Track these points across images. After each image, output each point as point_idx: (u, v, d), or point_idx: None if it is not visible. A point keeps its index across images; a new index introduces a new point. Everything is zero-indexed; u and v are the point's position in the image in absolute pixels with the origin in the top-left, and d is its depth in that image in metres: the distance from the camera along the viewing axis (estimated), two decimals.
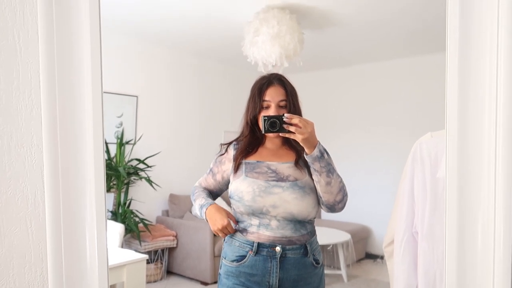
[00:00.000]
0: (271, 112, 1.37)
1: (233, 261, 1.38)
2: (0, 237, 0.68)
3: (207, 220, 1.37)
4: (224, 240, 1.47)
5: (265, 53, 3.07)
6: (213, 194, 1.54)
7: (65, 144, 0.71)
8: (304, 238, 1.37)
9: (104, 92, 3.53)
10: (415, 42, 4.16)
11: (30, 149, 0.70)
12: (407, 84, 4.77)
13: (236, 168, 1.42)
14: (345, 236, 4.17)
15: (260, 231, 1.35)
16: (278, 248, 1.32)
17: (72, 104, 0.70)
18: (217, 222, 1.33)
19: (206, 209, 1.37)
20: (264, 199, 1.33)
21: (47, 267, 0.70)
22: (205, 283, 3.90)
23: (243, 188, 1.36)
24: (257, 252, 1.34)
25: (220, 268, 1.46)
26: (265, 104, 1.39)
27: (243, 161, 1.43)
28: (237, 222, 1.39)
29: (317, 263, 1.40)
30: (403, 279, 1.38)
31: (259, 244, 1.34)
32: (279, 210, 1.33)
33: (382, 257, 4.90)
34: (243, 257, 1.36)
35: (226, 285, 1.39)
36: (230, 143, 1.52)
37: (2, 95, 0.68)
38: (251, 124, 1.44)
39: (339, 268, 4.27)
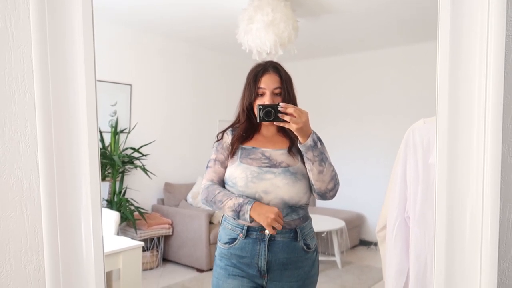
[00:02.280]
0: (266, 99, 1.39)
1: (225, 243, 1.43)
2: None
3: (251, 220, 1.31)
4: (220, 224, 1.50)
5: (260, 41, 3.06)
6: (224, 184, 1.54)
7: (59, 129, 0.72)
8: (294, 222, 1.39)
9: (98, 81, 3.50)
10: (408, 30, 4.15)
11: (24, 135, 0.71)
12: (401, 72, 4.78)
13: (233, 153, 1.45)
14: (339, 223, 4.22)
15: None
16: (267, 232, 1.35)
17: (66, 89, 0.70)
18: (269, 213, 1.28)
19: (251, 206, 1.31)
20: (256, 185, 1.35)
21: (43, 251, 0.71)
22: (201, 270, 3.93)
23: (237, 174, 1.38)
24: (246, 235, 1.37)
25: (216, 251, 1.50)
26: (260, 91, 1.41)
27: (240, 146, 1.46)
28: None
29: (309, 248, 1.42)
30: (395, 263, 1.40)
31: (248, 228, 1.37)
32: (271, 196, 1.35)
33: (375, 244, 4.96)
34: (234, 239, 1.40)
35: (219, 266, 1.44)
36: (224, 130, 1.54)
37: None
38: (247, 111, 1.46)
39: (333, 255, 4.32)
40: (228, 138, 1.50)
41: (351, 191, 4.95)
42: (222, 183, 1.47)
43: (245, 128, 1.48)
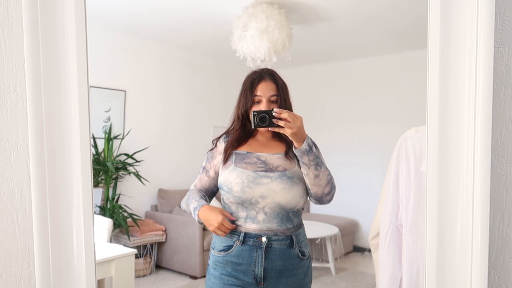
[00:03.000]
0: (263, 106, 1.40)
1: (220, 250, 1.41)
2: None
3: (201, 223, 1.40)
4: None
5: (254, 48, 3.07)
6: (210, 193, 1.54)
7: (51, 138, 0.71)
8: (289, 230, 1.39)
9: (92, 87, 3.50)
10: (402, 38, 4.19)
11: (16, 143, 0.71)
12: (395, 79, 4.81)
13: (226, 159, 1.44)
14: (333, 230, 4.21)
15: (247, 224, 1.38)
16: (264, 238, 1.35)
17: (58, 98, 0.70)
18: (212, 221, 1.34)
19: (199, 211, 1.39)
20: (252, 189, 1.35)
21: (34, 261, 0.71)
22: (194, 277, 3.91)
23: (232, 179, 1.38)
24: (243, 242, 1.37)
25: (209, 259, 1.48)
26: (256, 99, 1.42)
27: (233, 151, 1.45)
28: (232, 216, 1.40)
29: (303, 255, 1.42)
30: (388, 271, 1.41)
31: (245, 234, 1.37)
32: (267, 201, 1.35)
33: (369, 250, 4.95)
34: (230, 246, 1.39)
35: (213, 275, 1.42)
36: (220, 137, 1.54)
37: None
38: (242, 118, 1.46)
39: (327, 261, 4.31)
40: (220, 145, 1.50)
41: (345, 197, 4.96)
42: (205, 191, 1.52)
43: (239, 135, 1.48)
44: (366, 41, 4.34)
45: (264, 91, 1.41)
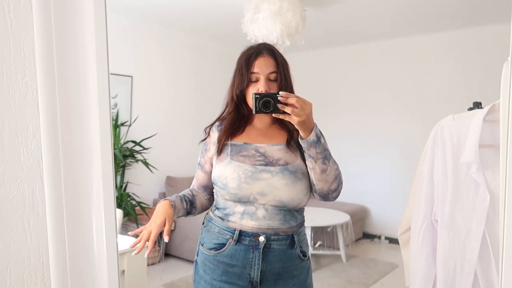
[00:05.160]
0: (260, 85, 1.23)
1: (211, 249, 1.26)
2: None
3: None
4: (203, 224, 1.34)
5: (266, 31, 2.94)
6: (210, 190, 1.36)
7: (66, 133, 0.62)
8: (292, 229, 1.25)
9: None
10: (419, 20, 4.03)
11: (26, 140, 0.61)
12: (411, 64, 4.66)
13: (220, 150, 1.28)
14: (345, 217, 4.16)
15: (243, 221, 1.23)
16: (262, 238, 1.21)
17: (74, 86, 0.60)
18: (151, 224, 1.16)
19: (159, 203, 1.23)
20: (250, 186, 1.20)
21: (49, 273, 0.62)
22: None
23: (228, 174, 1.22)
24: (238, 241, 1.22)
25: (197, 255, 1.33)
26: (253, 76, 1.25)
27: (228, 142, 1.29)
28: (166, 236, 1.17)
29: (304, 255, 1.30)
30: (422, 268, 1.32)
31: (240, 232, 1.22)
32: (268, 198, 1.21)
33: (379, 237, 4.92)
34: (222, 245, 1.24)
35: (204, 279, 1.27)
36: (212, 125, 1.37)
37: None
38: (237, 99, 1.30)
39: (338, 249, 4.27)
40: (214, 135, 1.33)
41: (356, 184, 4.90)
42: (203, 189, 1.35)
43: (233, 120, 1.31)
44: (381, 24, 4.19)
45: (262, 67, 1.24)
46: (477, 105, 1.53)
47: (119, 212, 2.36)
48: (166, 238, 1.12)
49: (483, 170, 1.20)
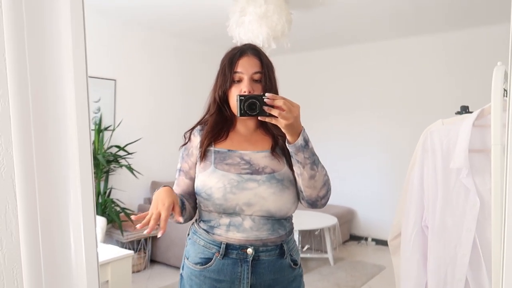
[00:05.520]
0: (244, 86, 1.17)
1: (197, 263, 1.20)
2: None
3: None
4: (188, 235, 1.28)
5: (252, 34, 2.92)
6: (194, 197, 1.26)
7: (41, 145, 0.57)
8: (281, 238, 1.20)
9: None
10: (403, 23, 4.06)
11: None
12: (395, 66, 4.70)
13: (203, 157, 1.21)
14: (332, 220, 4.15)
15: (229, 233, 1.17)
16: (250, 250, 1.15)
17: (50, 94, 0.55)
18: (157, 205, 1.07)
19: (157, 190, 1.14)
20: (237, 196, 1.14)
21: None
22: None
23: (212, 184, 1.16)
24: (225, 255, 1.16)
25: (182, 269, 1.27)
26: (236, 76, 1.19)
27: (212, 148, 1.22)
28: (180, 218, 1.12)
29: (295, 264, 1.24)
30: (413, 276, 1.30)
31: (227, 246, 1.16)
32: (254, 208, 1.15)
33: (366, 239, 4.94)
34: (208, 259, 1.18)
35: None
36: (193, 128, 1.30)
37: None
38: (220, 101, 1.24)
39: (325, 252, 4.26)
40: (195, 139, 1.27)
41: (343, 186, 4.90)
42: (188, 196, 1.25)
43: (215, 122, 1.25)
44: (366, 26, 4.21)
45: (246, 67, 1.19)
46: (465, 108, 1.53)
47: (102, 220, 2.29)
48: (181, 219, 1.09)
49: (473, 176, 1.19)
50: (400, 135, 4.60)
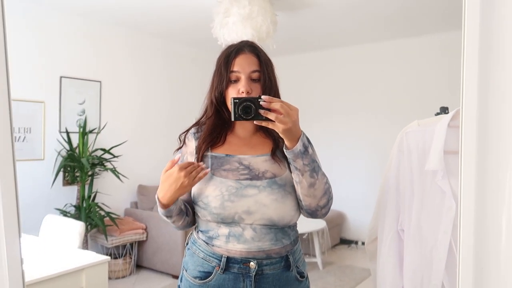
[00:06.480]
0: (241, 86, 1.10)
1: (195, 277, 1.12)
2: None
3: (161, 204, 1.08)
4: (187, 244, 1.21)
5: (236, 35, 2.89)
6: (191, 206, 1.19)
7: None
8: (285, 249, 1.11)
9: (64, 77, 3.24)
10: (388, 26, 4.06)
11: None
12: (383, 69, 4.70)
13: (200, 161, 1.13)
14: (321, 224, 4.11)
15: (229, 245, 1.09)
16: (252, 264, 1.07)
17: None
18: (169, 174, 1.02)
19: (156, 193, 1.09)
20: (235, 204, 1.07)
21: None
22: (177, 277, 3.73)
23: (209, 192, 1.09)
24: (225, 269, 1.08)
25: (180, 281, 1.19)
26: (233, 76, 1.12)
27: (209, 153, 1.15)
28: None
29: (302, 276, 1.16)
30: (389, 281, 1.26)
31: (228, 259, 1.08)
32: (255, 217, 1.07)
33: (356, 242, 4.91)
34: (208, 273, 1.10)
35: None
36: (187, 131, 1.22)
37: None
38: (217, 103, 1.16)
39: (314, 256, 4.22)
40: (190, 144, 1.19)
41: (332, 189, 4.86)
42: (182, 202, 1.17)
43: (213, 126, 1.17)
44: (352, 29, 4.20)
45: (243, 65, 1.11)
46: (444, 109, 1.50)
47: (81, 225, 2.24)
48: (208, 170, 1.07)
49: (448, 178, 1.16)
50: (388, 138, 4.57)
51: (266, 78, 1.13)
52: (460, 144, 0.54)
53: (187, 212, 1.17)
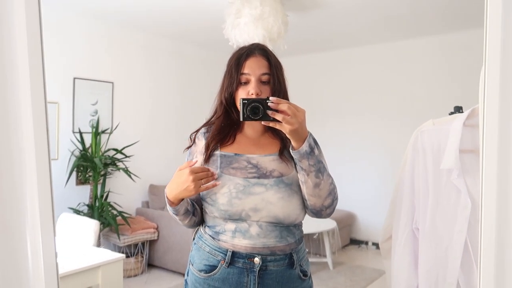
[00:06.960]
0: (251, 88, 1.13)
1: (201, 270, 1.15)
2: None
3: (168, 201, 1.11)
4: (193, 239, 1.24)
5: (248, 36, 2.91)
6: (200, 203, 1.22)
7: None
8: (290, 247, 1.15)
9: (78, 78, 3.27)
10: (401, 26, 4.05)
11: None
12: (393, 69, 4.68)
13: (208, 158, 1.17)
14: (331, 224, 4.11)
15: (235, 240, 1.12)
16: (257, 259, 1.10)
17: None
18: (179, 175, 1.04)
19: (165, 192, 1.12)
20: (243, 201, 1.10)
21: None
22: None
23: (217, 189, 1.12)
24: (230, 263, 1.11)
25: (187, 275, 1.22)
26: (243, 78, 1.15)
27: (218, 152, 1.18)
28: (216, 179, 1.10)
29: (305, 275, 1.18)
30: (404, 279, 1.27)
31: (233, 253, 1.11)
32: (261, 214, 1.10)
33: (366, 243, 4.90)
34: (213, 267, 1.13)
35: None
36: (197, 130, 1.25)
37: None
38: (226, 103, 1.19)
39: (324, 256, 4.22)
40: (200, 143, 1.22)
41: (342, 190, 4.83)
42: (192, 203, 1.20)
43: (222, 126, 1.21)
44: (363, 29, 4.19)
45: (254, 68, 1.14)
46: (458, 109, 1.50)
47: (95, 223, 2.27)
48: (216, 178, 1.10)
49: (464, 176, 1.17)
50: (400, 138, 4.55)
51: (275, 80, 1.16)
52: (481, 143, 0.55)
53: (194, 212, 1.20)
